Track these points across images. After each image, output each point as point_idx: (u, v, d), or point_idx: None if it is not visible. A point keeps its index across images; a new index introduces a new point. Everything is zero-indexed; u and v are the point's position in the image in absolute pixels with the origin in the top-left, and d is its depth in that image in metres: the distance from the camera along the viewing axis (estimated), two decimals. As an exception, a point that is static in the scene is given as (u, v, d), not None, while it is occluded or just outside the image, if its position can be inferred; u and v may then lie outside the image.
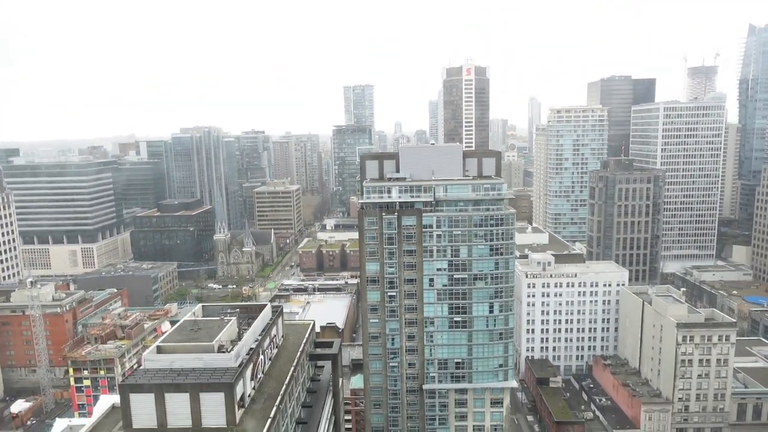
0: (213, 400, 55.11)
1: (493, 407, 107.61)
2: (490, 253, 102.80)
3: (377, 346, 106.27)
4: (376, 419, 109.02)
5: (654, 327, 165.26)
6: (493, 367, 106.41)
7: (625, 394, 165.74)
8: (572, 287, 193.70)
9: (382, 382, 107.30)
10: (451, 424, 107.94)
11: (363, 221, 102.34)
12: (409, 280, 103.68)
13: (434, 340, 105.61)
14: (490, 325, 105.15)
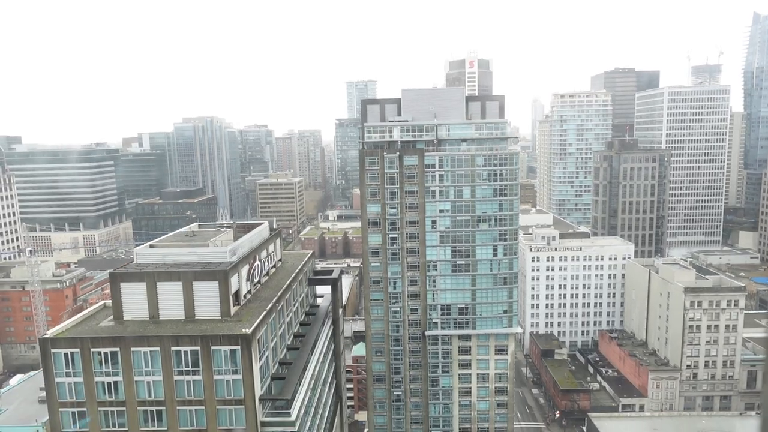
0: (207, 289, 53.30)
1: (497, 354, 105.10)
2: (493, 194, 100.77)
3: (378, 290, 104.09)
4: (377, 367, 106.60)
5: (661, 296, 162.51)
6: (497, 313, 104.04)
7: (632, 363, 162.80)
8: (577, 261, 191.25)
9: (383, 329, 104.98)
10: (455, 372, 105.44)
11: (364, 161, 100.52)
12: (411, 222, 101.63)
13: (437, 285, 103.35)
14: (494, 268, 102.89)
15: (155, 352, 49.83)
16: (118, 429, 51.01)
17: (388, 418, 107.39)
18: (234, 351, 49.64)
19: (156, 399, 50.62)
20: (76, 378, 50.38)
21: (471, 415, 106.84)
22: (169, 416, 50.67)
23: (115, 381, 50.36)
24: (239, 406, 50.42)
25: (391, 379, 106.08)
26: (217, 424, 50.74)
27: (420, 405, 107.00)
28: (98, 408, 50.72)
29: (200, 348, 49.62)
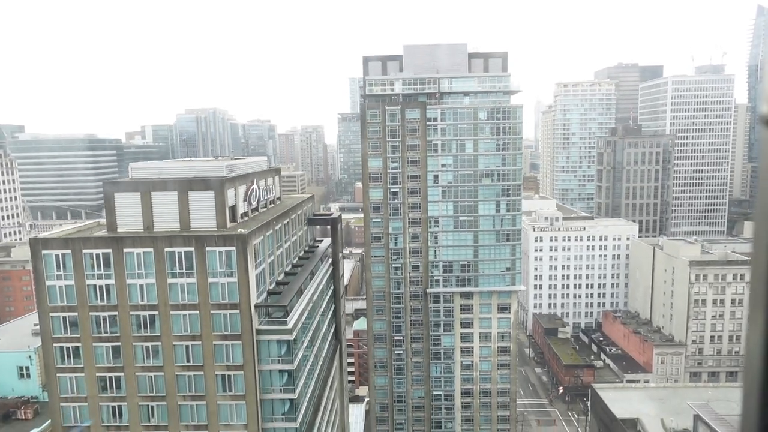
0: (202, 199, 51.98)
1: (500, 313, 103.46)
2: (496, 148, 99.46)
3: (380, 247, 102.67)
4: (378, 326, 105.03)
5: (665, 272, 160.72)
6: (499, 271, 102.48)
7: (636, 341, 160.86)
8: (580, 241, 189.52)
9: (384, 286, 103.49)
10: (457, 331, 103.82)
11: (365, 114, 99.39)
12: (412, 176, 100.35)
13: (439, 241, 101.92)
14: (496, 225, 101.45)
15: (148, 253, 48.56)
16: (110, 335, 49.63)
17: (388, 378, 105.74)
18: (229, 252, 48.33)
19: (149, 303, 49.29)
20: (68, 281, 49.09)
21: (473, 375, 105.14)
22: (162, 321, 49.35)
23: (107, 284, 49.06)
24: (234, 311, 49.05)
25: (392, 338, 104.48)
26: (211, 330, 49.36)
27: (421, 365, 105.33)
28: (89, 313, 49.40)
29: (194, 249, 48.34)
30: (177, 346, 49.64)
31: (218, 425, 50.23)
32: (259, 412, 50.26)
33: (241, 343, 49.27)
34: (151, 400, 50.62)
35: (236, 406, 50.22)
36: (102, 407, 50.74)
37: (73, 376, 50.33)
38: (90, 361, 50.03)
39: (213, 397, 50.01)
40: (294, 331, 50.97)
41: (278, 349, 50.61)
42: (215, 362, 49.66)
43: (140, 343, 49.91)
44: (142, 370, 50.26)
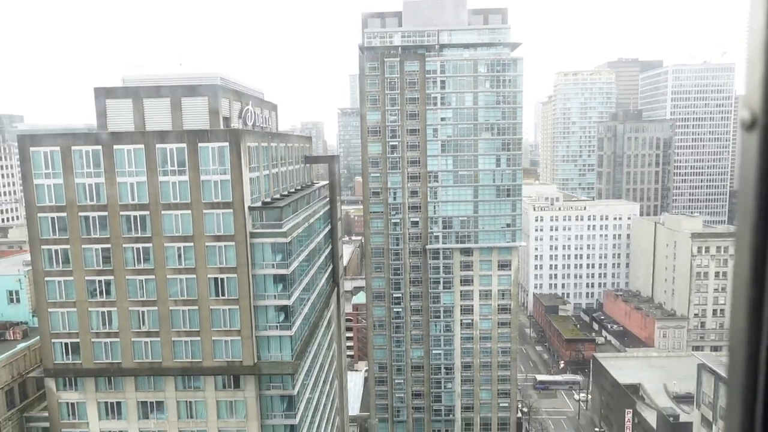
0: (196, 106, 50.69)
1: (500, 270, 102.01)
2: (496, 101, 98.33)
3: (378, 203, 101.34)
4: (377, 284, 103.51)
5: (667, 246, 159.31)
6: (500, 227, 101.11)
7: (637, 316, 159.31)
8: (581, 221, 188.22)
9: (383, 243, 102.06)
10: (456, 288, 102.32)
11: (364, 66, 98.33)
12: (411, 130, 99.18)
13: (438, 197, 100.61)
14: (497, 180, 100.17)
15: (139, 150, 47.29)
16: (100, 236, 48.26)
17: (387, 337, 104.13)
18: (222, 149, 47.08)
19: (140, 203, 47.96)
20: (56, 180, 47.79)
21: (473, 334, 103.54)
22: (153, 222, 48.00)
23: (96, 183, 47.76)
24: (227, 210, 47.72)
25: (391, 296, 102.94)
26: (204, 231, 48.01)
27: (420, 324, 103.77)
28: (78, 213, 48.06)
29: (187, 145, 47.08)
30: (168, 248, 48.27)
31: (211, 331, 48.80)
32: (252, 319, 48.85)
33: (235, 245, 47.92)
34: (142, 305, 49.23)
35: (229, 311, 48.81)
36: (91, 313, 49.32)
37: (62, 280, 48.94)
38: (79, 264, 48.65)
39: (205, 302, 48.61)
40: (289, 235, 49.62)
41: (273, 254, 49.26)
42: (208, 265, 48.29)
43: (131, 245, 48.54)
44: (133, 274, 48.87)
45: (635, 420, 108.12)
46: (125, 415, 50.74)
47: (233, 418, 50.31)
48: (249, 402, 49.86)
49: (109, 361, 49.90)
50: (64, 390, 50.78)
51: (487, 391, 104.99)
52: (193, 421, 50.55)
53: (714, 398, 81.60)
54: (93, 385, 50.45)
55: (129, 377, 50.29)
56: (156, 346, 49.58)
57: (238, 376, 49.89)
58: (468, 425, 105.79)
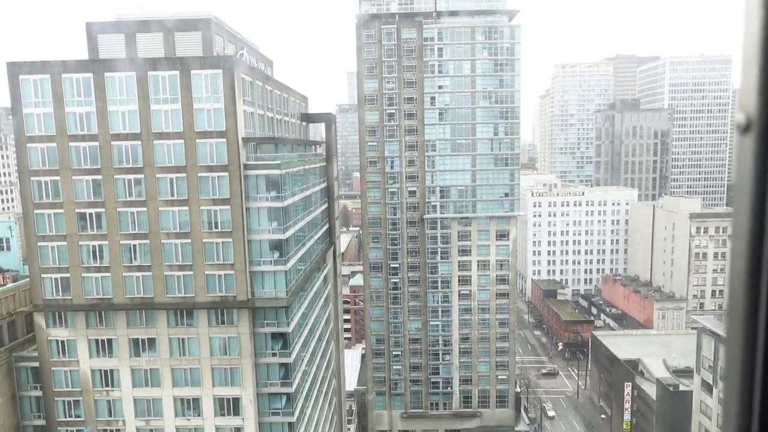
0: (189, 41, 49.86)
1: (498, 240, 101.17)
2: (494, 69, 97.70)
3: (375, 172, 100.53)
4: (374, 254, 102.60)
5: (666, 228, 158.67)
6: (498, 196, 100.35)
7: (636, 299, 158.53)
8: (579, 206, 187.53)
9: (380, 212, 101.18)
10: (454, 258, 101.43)
11: (361, 34, 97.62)
12: (409, 98, 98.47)
13: (436, 166, 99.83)
14: (495, 148, 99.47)
15: (130, 77, 46.45)
16: (90, 167, 47.36)
17: (385, 308, 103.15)
18: (216, 76, 46.25)
19: (131, 132, 47.06)
20: (46, 108, 46.89)
21: (471, 305, 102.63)
22: (145, 152, 47.10)
23: (87, 112, 46.86)
24: (220, 140, 46.86)
25: (389, 266, 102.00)
26: (196, 161, 47.12)
27: (418, 295, 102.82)
28: (69, 144, 47.16)
29: (179, 72, 46.21)
30: (160, 179, 47.38)
31: (204, 265, 47.87)
32: (246, 252, 47.93)
33: (228, 175, 47.05)
34: (133, 239, 48.29)
35: (223, 244, 47.90)
36: (81, 247, 48.36)
37: (51, 213, 48.00)
38: (69, 196, 47.72)
39: (198, 234, 47.70)
40: (284, 168, 48.77)
41: (267, 188, 48.37)
42: (201, 196, 47.38)
43: (122, 176, 47.65)
44: (124, 206, 47.96)
45: (635, 393, 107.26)
46: (116, 352, 49.73)
47: (227, 356, 49.33)
48: (243, 339, 48.90)
49: (100, 297, 48.93)
50: (54, 327, 49.76)
51: (485, 364, 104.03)
52: (185, 358, 49.55)
53: (714, 361, 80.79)
54: (83, 322, 49.45)
55: (120, 313, 49.31)
56: (147, 281, 48.62)
57: (232, 311, 48.94)
58: (466, 398, 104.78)
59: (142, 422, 50.51)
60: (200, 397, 49.68)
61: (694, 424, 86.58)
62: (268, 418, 50.63)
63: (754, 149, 1.88)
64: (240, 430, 49.83)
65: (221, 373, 49.51)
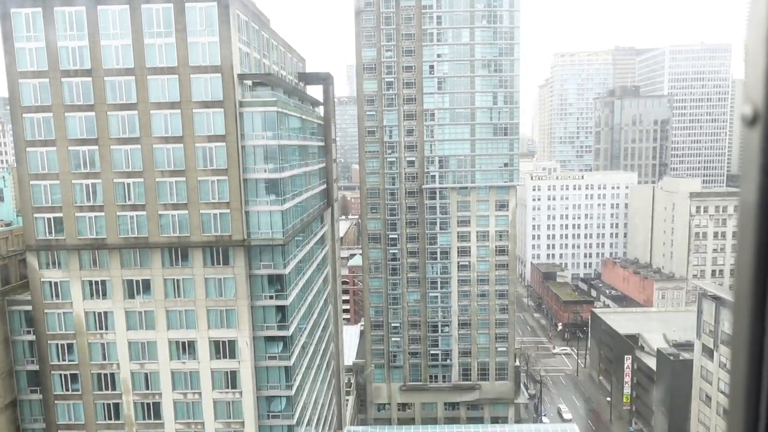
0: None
1: (498, 211, 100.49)
2: (493, 37, 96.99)
3: (374, 141, 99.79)
4: (372, 225, 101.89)
5: (665, 209, 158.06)
6: (497, 166, 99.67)
7: (636, 280, 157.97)
8: (579, 190, 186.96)
9: (379, 183, 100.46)
10: (453, 229, 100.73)
11: (361, 1, 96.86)
12: (407, 67, 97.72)
13: (434, 135, 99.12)
14: (494, 118, 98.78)
15: (124, 11, 45.69)
16: (83, 104, 46.62)
17: (383, 280, 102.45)
18: (210, 9, 45.51)
19: (125, 68, 46.29)
20: (38, 43, 46.10)
21: (470, 276, 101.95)
22: (138, 88, 46.34)
23: (80, 46, 46.09)
24: (215, 75, 46.11)
25: (387, 237, 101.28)
26: (191, 97, 46.36)
27: (417, 266, 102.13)
28: (61, 79, 46.38)
29: (173, 5, 45.41)
30: (154, 115, 46.65)
31: (199, 203, 47.14)
32: (242, 191, 47.21)
33: (223, 112, 46.30)
34: (128, 177, 47.55)
35: (218, 182, 47.18)
36: (75, 186, 47.62)
37: (44, 151, 47.26)
38: (62, 134, 46.99)
39: (193, 172, 46.97)
40: (279, 107, 48.05)
41: (263, 125, 47.63)
42: (195, 133, 46.63)
43: (115, 113, 46.90)
44: (118, 143, 47.21)
45: (635, 366, 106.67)
46: (110, 294, 49.01)
47: (222, 297, 48.62)
48: (238, 280, 48.19)
49: (94, 237, 48.19)
50: (47, 268, 49.02)
51: (484, 336, 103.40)
52: (180, 300, 48.83)
53: (715, 325, 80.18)
54: (77, 263, 48.71)
55: (114, 254, 48.57)
56: (142, 220, 47.89)
57: (228, 251, 48.19)
58: (465, 370, 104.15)
59: (137, 365, 49.81)
60: (195, 340, 48.99)
61: (694, 391, 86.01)
62: (265, 362, 49.96)
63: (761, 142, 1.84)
64: (236, 373, 49.15)
65: (217, 315, 48.81)
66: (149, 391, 50.01)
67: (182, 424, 50.23)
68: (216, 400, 49.62)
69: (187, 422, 50.25)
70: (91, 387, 49.69)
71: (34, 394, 51.63)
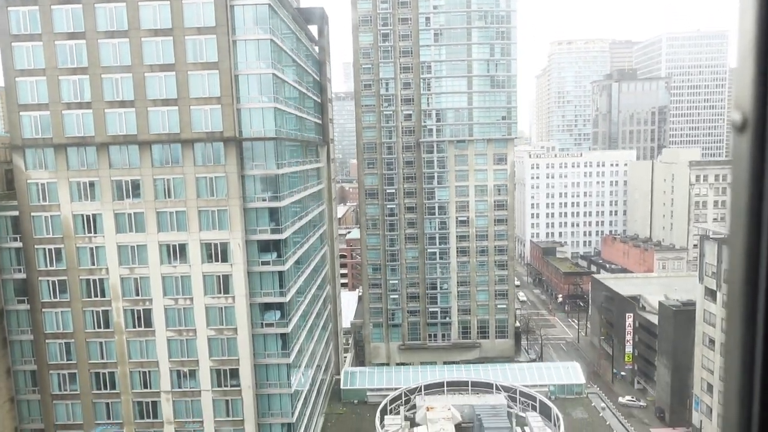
0: None
1: (496, 165, 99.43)
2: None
3: (370, 95, 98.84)
4: (369, 180, 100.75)
5: (665, 181, 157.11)
6: (495, 119, 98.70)
7: (636, 253, 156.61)
8: (578, 168, 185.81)
9: (375, 137, 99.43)
10: (451, 183, 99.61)
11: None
12: (403, 19, 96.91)
13: (431, 88, 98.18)
14: (491, 70, 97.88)
15: None
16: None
17: (381, 236, 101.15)
18: None
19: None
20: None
21: (469, 232, 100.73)
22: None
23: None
24: None
25: (384, 192, 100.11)
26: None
27: (415, 222, 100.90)
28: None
29: None
30: (143, 7, 45.69)
31: (189, 99, 45.99)
32: (233, 87, 46.07)
33: (213, 3, 45.20)
34: (116, 72, 46.38)
35: (209, 76, 46.05)
36: (62, 82, 46.48)
37: (30, 46, 46.17)
38: (48, 27, 45.96)
39: (183, 66, 45.85)
40: (272, 3, 46.98)
41: (255, 20, 46.54)
42: (185, 25, 45.58)
43: (102, 5, 45.80)
44: (105, 37, 46.16)
45: (636, 324, 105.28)
46: (98, 196, 47.73)
47: (214, 197, 47.35)
48: (230, 179, 46.96)
49: (81, 136, 46.99)
50: (34, 169, 47.75)
51: (484, 293, 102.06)
52: (171, 200, 47.56)
53: (717, 264, 78.96)
54: (64, 164, 47.48)
55: (103, 154, 47.35)
56: (130, 117, 46.73)
57: (219, 150, 46.99)
58: (465, 329, 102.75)
59: (126, 270, 48.47)
60: (187, 243, 47.70)
61: (698, 337, 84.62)
62: (258, 268, 48.65)
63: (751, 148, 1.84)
64: (228, 277, 47.83)
65: (208, 217, 47.53)
66: (139, 297, 48.67)
67: (173, 331, 48.86)
68: (208, 306, 48.29)
69: (178, 329, 48.88)
70: (80, 294, 48.34)
71: (21, 304, 50.21)
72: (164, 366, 49.21)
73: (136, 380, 49.60)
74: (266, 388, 49.90)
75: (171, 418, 49.75)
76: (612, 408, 77.08)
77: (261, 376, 49.70)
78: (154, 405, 49.74)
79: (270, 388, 49.94)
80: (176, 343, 48.79)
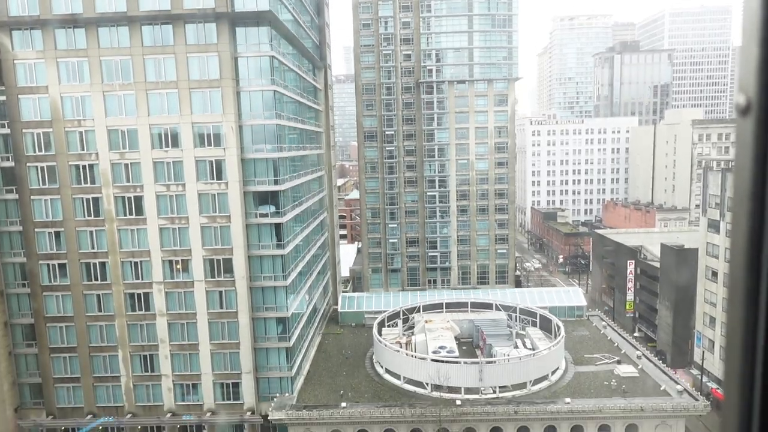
0: None
1: (497, 106, 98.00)
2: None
3: (369, 35, 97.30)
4: (368, 123, 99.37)
5: (667, 143, 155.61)
6: (496, 59, 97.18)
7: (637, 216, 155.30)
8: (579, 134, 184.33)
9: (374, 78, 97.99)
10: (452, 125, 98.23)
11: None
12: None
13: (431, 28, 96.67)
14: (492, 8, 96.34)
15: None
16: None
17: (380, 179, 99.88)
18: None
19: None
20: None
21: (469, 175, 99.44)
22: None
23: None
24: None
25: (384, 134, 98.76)
26: None
27: (414, 165, 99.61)
28: None
29: None
30: None
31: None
32: None
33: None
34: None
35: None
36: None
37: None
38: None
39: None
40: None
41: None
42: None
43: None
44: None
45: (637, 270, 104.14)
46: (87, 77, 46.41)
47: (206, 78, 45.97)
48: (223, 59, 45.57)
49: (70, 13, 45.59)
50: (21, 49, 46.40)
51: (484, 237, 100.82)
52: (162, 82, 46.15)
53: (721, 193, 77.69)
54: (52, 43, 46.12)
55: (92, 33, 46.00)
56: (120, -7, 45.30)
57: (211, 30, 45.60)
58: (465, 274, 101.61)
59: (116, 155, 47.21)
60: (178, 126, 46.41)
61: (700, 271, 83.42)
62: (252, 155, 47.37)
63: (754, 131, 1.84)
64: (221, 162, 46.58)
65: (200, 97, 46.23)
66: (130, 184, 47.41)
67: (165, 219, 47.63)
68: (201, 193, 47.03)
69: (170, 217, 47.64)
70: (69, 180, 47.09)
71: (9, 194, 48.99)
72: (156, 256, 48.02)
73: (128, 271, 48.43)
74: (260, 280, 48.73)
75: (163, 309, 48.61)
76: (613, 326, 76.32)
77: (255, 268, 48.51)
78: (146, 296, 48.58)
79: (264, 280, 48.76)
80: (168, 231, 47.57)
